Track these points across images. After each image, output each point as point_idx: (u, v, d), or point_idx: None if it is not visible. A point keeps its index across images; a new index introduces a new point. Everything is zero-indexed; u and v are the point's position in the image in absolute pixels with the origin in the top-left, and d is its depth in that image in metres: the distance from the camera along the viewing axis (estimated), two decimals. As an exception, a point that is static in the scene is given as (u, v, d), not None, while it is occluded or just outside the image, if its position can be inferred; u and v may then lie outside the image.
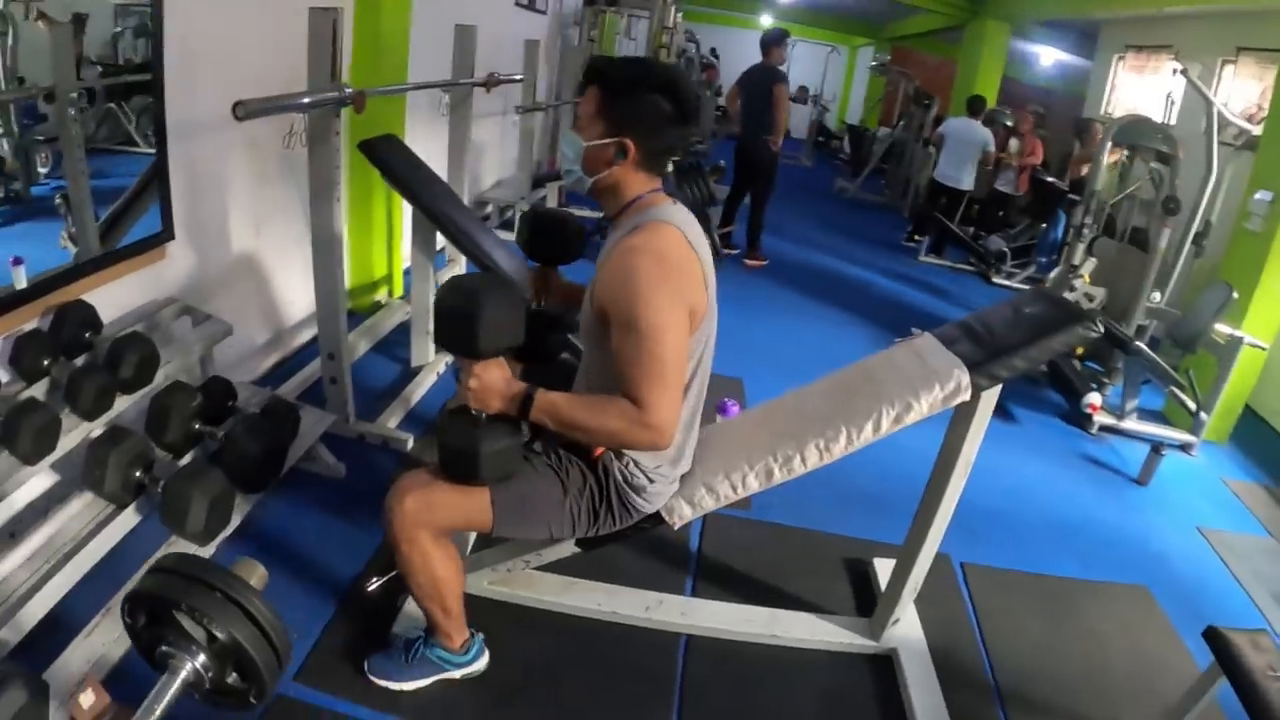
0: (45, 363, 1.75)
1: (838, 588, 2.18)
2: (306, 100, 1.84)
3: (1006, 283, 6.00)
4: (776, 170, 5.15)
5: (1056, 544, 2.61)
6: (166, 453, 1.90)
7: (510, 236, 4.94)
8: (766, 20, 12.48)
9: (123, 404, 1.84)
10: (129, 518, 1.73)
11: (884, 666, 1.89)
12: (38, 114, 2.03)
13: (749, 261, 5.26)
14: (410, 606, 1.76)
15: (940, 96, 7.94)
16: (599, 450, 1.44)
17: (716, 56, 10.93)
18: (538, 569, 1.86)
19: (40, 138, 1.97)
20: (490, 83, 3.11)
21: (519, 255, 2.72)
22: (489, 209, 5.26)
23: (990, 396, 1.61)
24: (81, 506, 1.73)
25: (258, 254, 2.67)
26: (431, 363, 2.96)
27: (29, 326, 1.78)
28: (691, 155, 4.27)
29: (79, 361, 1.83)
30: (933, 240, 6.40)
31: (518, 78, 3.65)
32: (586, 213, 5.05)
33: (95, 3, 1.89)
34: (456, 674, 1.62)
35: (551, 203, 5.46)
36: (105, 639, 1.43)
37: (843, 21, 13.10)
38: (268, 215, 2.69)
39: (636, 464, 1.44)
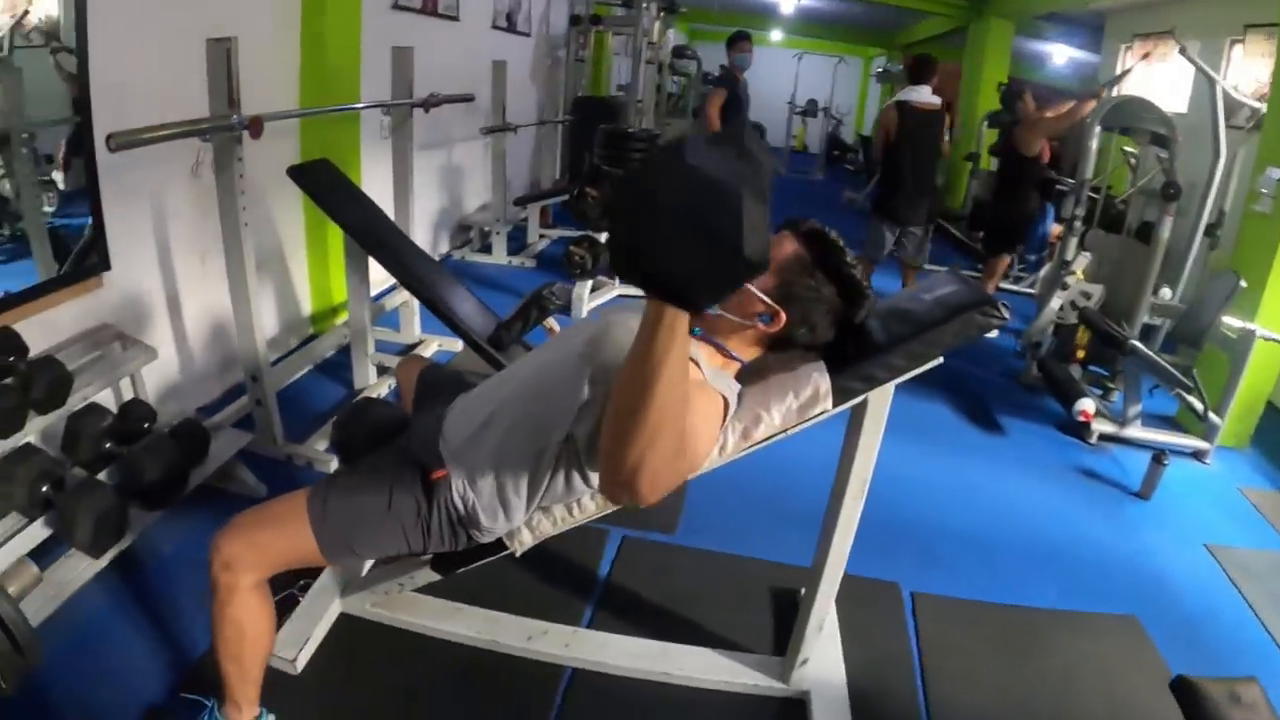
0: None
1: (758, 621, 2.10)
2: (180, 130, 1.96)
3: (1011, 286, 5.82)
4: None
5: (1034, 570, 2.51)
6: (84, 470, 2.04)
7: (487, 259, 5.10)
8: (776, 35, 12.63)
9: (39, 423, 1.99)
10: (39, 530, 1.87)
11: (796, 712, 1.81)
12: (38, 156, 2.25)
13: None
14: (286, 626, 1.82)
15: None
16: (439, 473, 1.41)
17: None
18: (425, 593, 1.88)
19: (44, 178, 2.24)
20: (430, 103, 3.23)
21: (456, 284, 2.81)
22: (472, 233, 5.41)
23: (881, 400, 1.51)
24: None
25: (205, 282, 2.83)
26: (373, 385, 3.06)
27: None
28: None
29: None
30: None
31: (465, 97, 3.71)
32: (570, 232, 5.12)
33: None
34: None
35: (534, 225, 5.57)
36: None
37: (851, 31, 13.19)
38: (213, 244, 2.84)
39: (467, 502, 1.41)
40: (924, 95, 4.15)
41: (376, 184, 3.51)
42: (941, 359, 1.44)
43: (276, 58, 3.07)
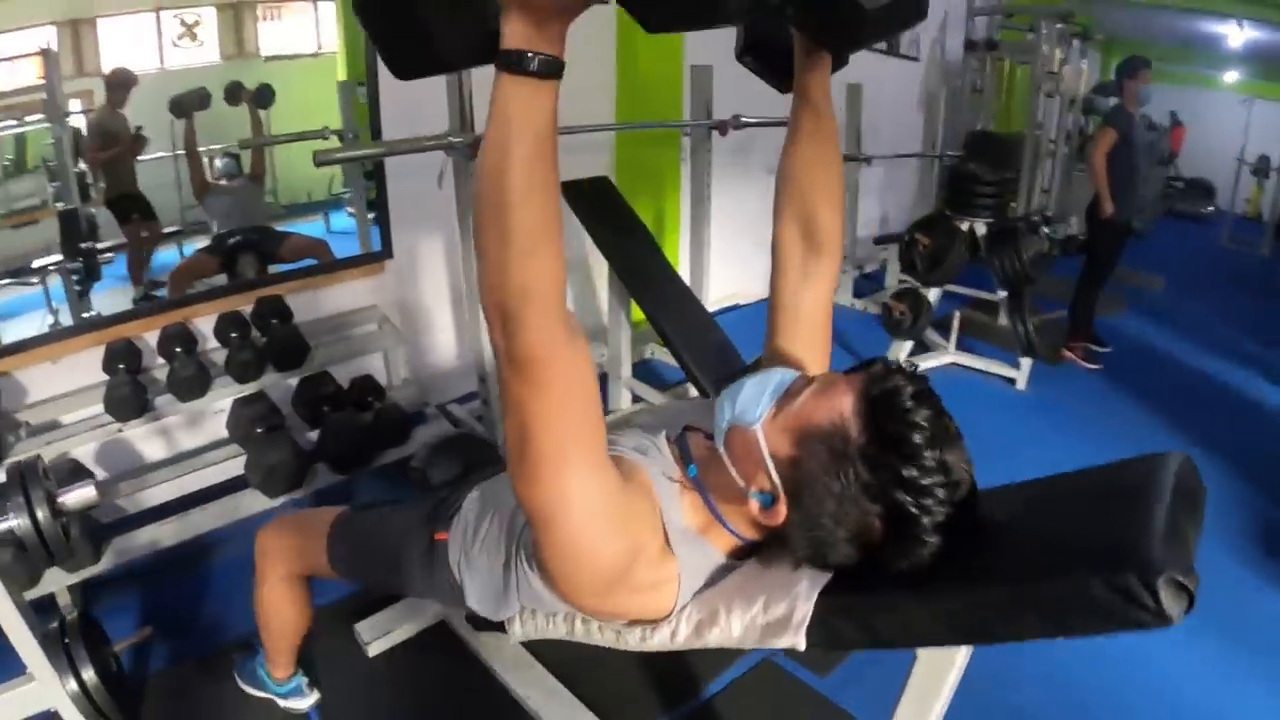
0: (234, 336, 2.35)
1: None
2: (383, 150, 2.11)
3: None
4: (1108, 244, 3.87)
5: None
6: (306, 427, 2.37)
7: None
8: (1231, 76, 9.61)
9: (275, 378, 2.37)
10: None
11: None
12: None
13: (1065, 351, 3.98)
14: (381, 614, 1.90)
15: None
16: (440, 535, 1.29)
17: (1180, 122, 9.53)
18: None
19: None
20: (731, 125, 3.00)
21: (712, 328, 2.59)
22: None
23: (937, 667, 0.96)
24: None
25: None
26: (623, 410, 3.01)
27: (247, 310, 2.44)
28: (1010, 217, 3.44)
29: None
30: None
31: (778, 121, 3.34)
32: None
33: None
34: (280, 702, 1.69)
35: (893, 267, 4.94)
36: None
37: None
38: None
39: (460, 576, 1.26)
40: None
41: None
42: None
43: (591, 74, 3.16)
